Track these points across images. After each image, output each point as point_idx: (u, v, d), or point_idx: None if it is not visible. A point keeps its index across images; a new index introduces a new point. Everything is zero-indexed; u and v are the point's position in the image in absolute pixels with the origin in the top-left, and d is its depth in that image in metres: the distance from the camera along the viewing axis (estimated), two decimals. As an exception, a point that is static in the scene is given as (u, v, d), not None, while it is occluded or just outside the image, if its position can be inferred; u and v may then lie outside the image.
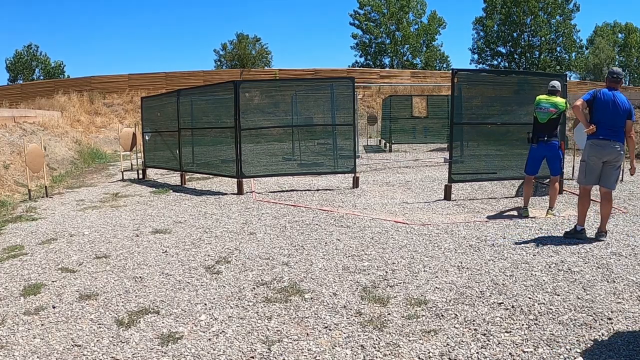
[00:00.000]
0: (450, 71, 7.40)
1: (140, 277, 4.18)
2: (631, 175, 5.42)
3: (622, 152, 5.16)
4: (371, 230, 5.56)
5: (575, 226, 5.16)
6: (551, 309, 3.32)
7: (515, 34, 43.42)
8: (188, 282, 4.03)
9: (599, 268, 4.08)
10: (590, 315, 3.20)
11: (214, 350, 2.92)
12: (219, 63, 42.25)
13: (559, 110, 6.07)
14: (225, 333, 3.12)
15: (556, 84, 6.26)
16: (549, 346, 2.83)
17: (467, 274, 4.05)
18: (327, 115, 9.42)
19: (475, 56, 46.57)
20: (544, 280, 3.84)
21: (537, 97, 6.24)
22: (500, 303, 3.44)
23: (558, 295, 3.55)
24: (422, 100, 22.28)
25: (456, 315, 3.28)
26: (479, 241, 4.99)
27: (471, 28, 58.33)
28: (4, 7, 63.21)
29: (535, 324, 3.11)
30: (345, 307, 3.47)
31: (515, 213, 6.33)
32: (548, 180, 6.92)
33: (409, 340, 2.96)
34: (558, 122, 6.20)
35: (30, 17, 67.73)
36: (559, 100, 6.12)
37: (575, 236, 5.07)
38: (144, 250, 5.00)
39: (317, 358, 2.80)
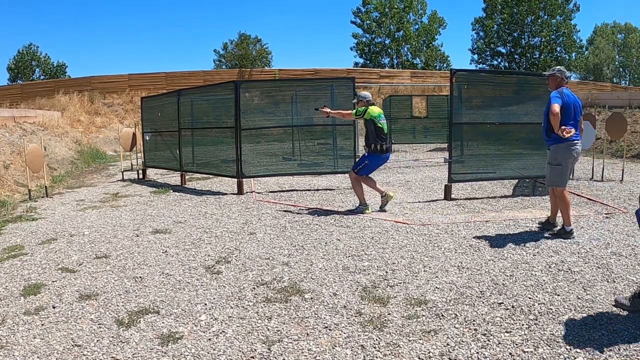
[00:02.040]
0: (450, 71, 7.42)
1: (140, 277, 4.18)
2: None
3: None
4: (371, 230, 5.56)
5: (564, 227, 5.12)
6: (551, 309, 3.32)
7: (515, 34, 43.43)
8: (188, 282, 4.03)
9: (599, 268, 4.08)
10: (591, 315, 3.20)
11: (214, 350, 2.92)
12: (218, 63, 42.29)
13: None
14: (226, 333, 3.12)
15: (368, 95, 6.73)
16: (549, 346, 2.83)
17: (467, 274, 4.05)
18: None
19: (476, 56, 46.60)
20: (544, 280, 3.84)
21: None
22: (500, 303, 3.44)
23: (558, 295, 3.55)
24: (422, 100, 22.28)
25: (456, 315, 3.28)
26: (479, 241, 4.99)
27: (470, 29, 58.30)
28: (5, 7, 63.25)
29: (535, 324, 3.12)
30: (345, 307, 3.47)
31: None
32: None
33: (409, 340, 2.96)
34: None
35: (31, 17, 67.78)
36: None
37: (564, 237, 5.04)
38: (144, 250, 5.00)
39: (317, 358, 2.81)
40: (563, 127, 4.82)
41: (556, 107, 4.84)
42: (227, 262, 4.52)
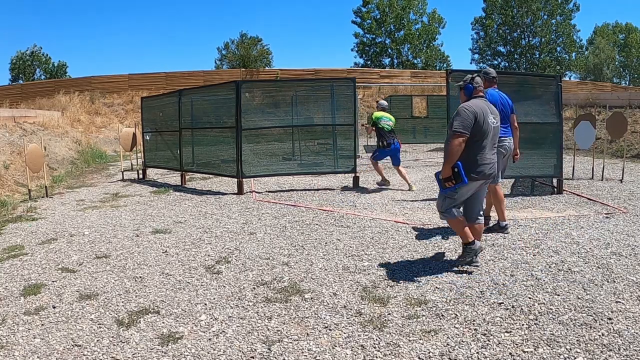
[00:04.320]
0: (446, 71, 7.43)
1: (140, 277, 4.18)
2: None
3: (512, 146, 5.51)
4: (371, 230, 5.56)
5: (499, 222, 5.38)
6: (551, 309, 3.32)
7: (515, 34, 43.43)
8: (188, 282, 4.03)
9: (599, 268, 4.08)
10: (591, 315, 3.20)
11: (214, 350, 2.92)
12: (219, 62, 42.28)
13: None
14: (226, 333, 3.12)
15: (384, 103, 8.87)
16: (549, 346, 2.83)
17: (467, 274, 4.05)
18: (327, 115, 9.42)
19: (476, 56, 46.61)
20: (544, 280, 3.84)
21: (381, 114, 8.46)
22: (500, 303, 3.44)
23: (558, 295, 3.55)
24: (422, 100, 22.25)
25: (456, 315, 3.28)
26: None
27: (470, 28, 58.30)
28: (5, 7, 63.28)
29: (535, 324, 3.11)
30: (345, 307, 3.47)
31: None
32: (544, 180, 6.94)
33: (409, 340, 2.96)
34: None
35: (31, 17, 67.80)
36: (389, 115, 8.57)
37: (500, 231, 5.30)
38: (144, 250, 5.00)
39: (317, 358, 2.81)
40: None
41: None
42: (227, 262, 4.52)
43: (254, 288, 3.87)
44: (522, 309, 3.34)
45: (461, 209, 4.23)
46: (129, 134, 11.36)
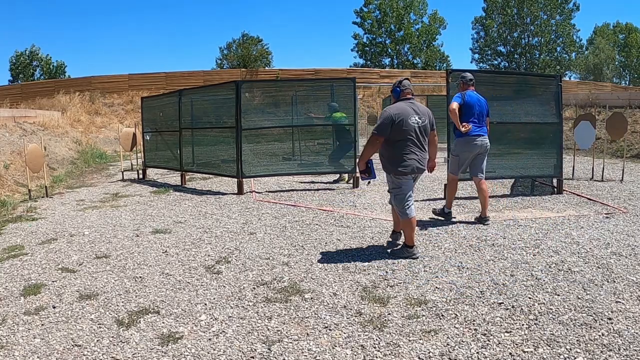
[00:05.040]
0: (446, 71, 7.44)
1: (140, 277, 4.18)
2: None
3: (489, 144, 5.87)
4: (371, 230, 5.56)
5: (444, 207, 5.98)
6: (551, 309, 3.32)
7: (515, 34, 43.42)
8: (188, 282, 4.03)
9: (599, 268, 4.08)
10: (591, 315, 3.20)
11: (214, 350, 2.92)
12: (219, 62, 42.29)
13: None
14: (226, 333, 3.12)
15: (335, 104, 8.97)
16: (549, 346, 2.83)
17: (467, 274, 4.05)
18: (327, 115, 9.45)
19: (476, 56, 46.61)
20: (544, 280, 3.84)
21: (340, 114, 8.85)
22: (500, 303, 3.44)
23: (558, 295, 3.55)
24: (422, 100, 22.22)
25: (456, 315, 3.28)
26: (479, 241, 4.99)
27: (471, 28, 58.26)
28: (5, 7, 63.29)
29: (535, 324, 3.11)
30: (345, 307, 3.47)
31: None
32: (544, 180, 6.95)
33: (409, 340, 2.96)
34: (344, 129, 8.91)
35: (31, 17, 67.81)
36: (338, 115, 8.88)
37: (442, 216, 5.91)
38: (144, 250, 5.00)
39: (317, 358, 2.80)
40: (463, 123, 5.67)
41: (453, 105, 5.74)
42: (227, 262, 4.52)
43: (254, 288, 3.87)
44: (522, 309, 3.34)
45: (413, 206, 4.60)
46: (129, 134, 11.36)
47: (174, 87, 23.80)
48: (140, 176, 11.02)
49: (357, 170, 4.85)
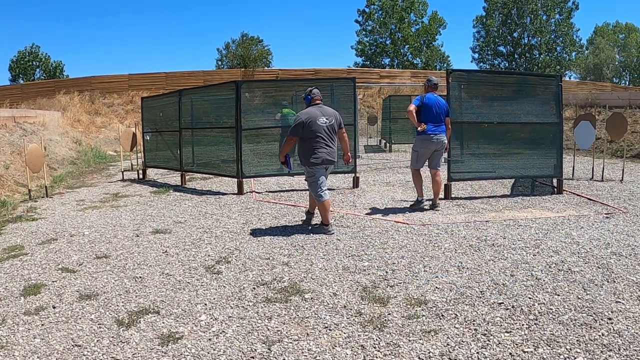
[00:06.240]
0: (446, 71, 7.46)
1: (140, 277, 4.18)
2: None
3: (445, 141, 6.52)
4: (371, 230, 5.56)
5: (417, 198, 6.71)
6: (551, 309, 3.32)
7: (515, 34, 43.42)
8: (188, 282, 4.03)
9: (599, 268, 4.08)
10: (591, 316, 3.20)
11: (214, 350, 2.92)
12: (219, 62, 42.30)
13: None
14: (226, 333, 3.12)
15: (286, 103, 9.56)
16: (549, 346, 2.83)
17: (467, 274, 4.05)
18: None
19: (477, 55, 46.62)
20: (544, 281, 3.84)
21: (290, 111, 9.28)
22: (500, 303, 3.44)
23: (558, 295, 3.55)
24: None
25: (456, 315, 3.28)
26: (479, 241, 4.99)
27: (472, 26, 58.25)
28: (5, 7, 63.29)
29: (535, 324, 3.11)
30: (345, 307, 3.47)
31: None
32: (545, 179, 6.97)
33: (409, 340, 2.96)
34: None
35: (31, 17, 67.82)
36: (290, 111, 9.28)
37: (417, 206, 6.62)
38: (144, 250, 5.00)
39: (317, 358, 2.80)
40: (421, 122, 6.37)
41: (410, 107, 6.46)
42: (227, 262, 4.52)
43: (254, 288, 3.87)
44: (522, 309, 3.33)
45: (327, 191, 5.52)
46: (129, 134, 11.36)
47: (174, 87, 23.81)
48: (140, 176, 11.02)
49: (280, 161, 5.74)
